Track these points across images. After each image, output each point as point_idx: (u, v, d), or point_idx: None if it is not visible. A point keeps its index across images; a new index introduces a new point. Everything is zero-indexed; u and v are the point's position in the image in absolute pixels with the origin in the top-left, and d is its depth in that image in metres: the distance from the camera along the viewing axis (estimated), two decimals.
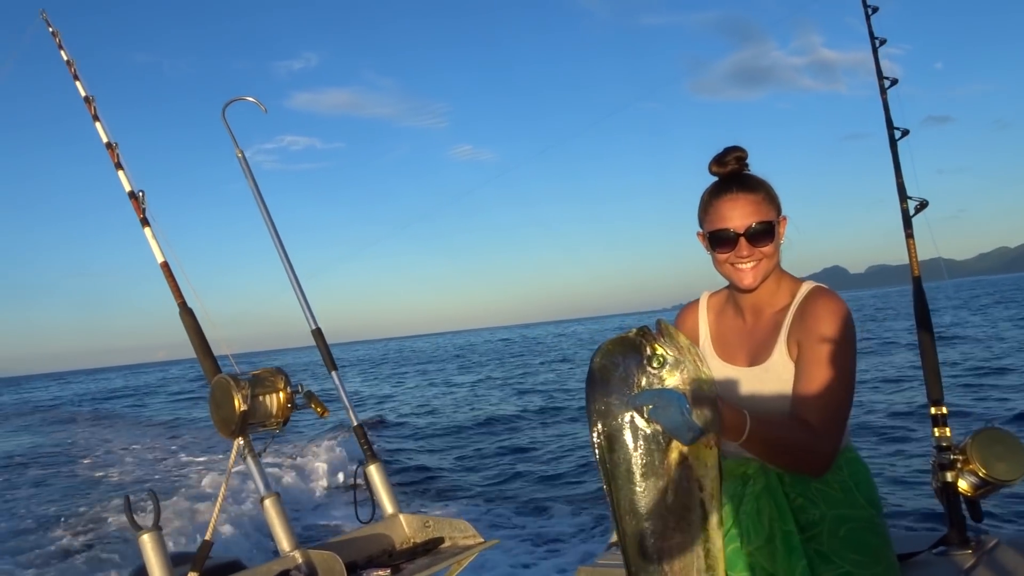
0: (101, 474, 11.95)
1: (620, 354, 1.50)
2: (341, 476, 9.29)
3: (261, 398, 2.26)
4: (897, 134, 2.88)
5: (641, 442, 1.47)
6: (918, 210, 2.75)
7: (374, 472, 2.46)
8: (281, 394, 2.29)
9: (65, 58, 2.80)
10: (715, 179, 1.81)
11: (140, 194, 2.56)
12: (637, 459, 1.48)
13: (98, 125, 2.67)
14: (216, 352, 2.43)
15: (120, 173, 2.61)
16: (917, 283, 2.56)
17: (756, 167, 1.83)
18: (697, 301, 2.04)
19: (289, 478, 9.13)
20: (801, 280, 1.85)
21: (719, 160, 1.78)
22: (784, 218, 1.81)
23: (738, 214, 1.74)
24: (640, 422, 1.47)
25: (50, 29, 2.85)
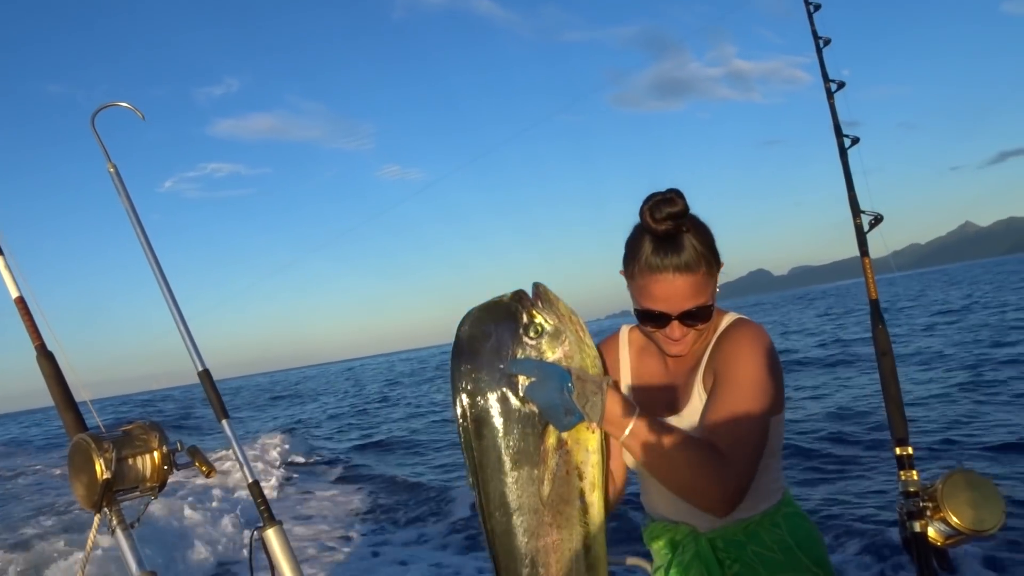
0: None
1: (491, 321, 1.28)
2: (234, 542, 7.90)
3: (131, 460, 1.91)
4: (847, 142, 2.67)
5: (514, 424, 1.27)
6: (872, 225, 2.54)
7: (272, 537, 2.13)
8: (156, 453, 1.95)
9: None
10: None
11: None
12: (509, 444, 1.27)
13: None
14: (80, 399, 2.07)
15: None
16: (875, 307, 2.35)
17: (679, 177, 1.72)
18: (617, 334, 1.81)
19: (176, 548, 7.46)
20: (724, 312, 1.68)
21: (653, 215, 1.51)
22: (721, 264, 1.60)
23: (675, 298, 1.51)
24: (513, 400, 1.26)
25: None
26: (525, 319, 1.28)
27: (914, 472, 2.05)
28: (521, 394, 1.25)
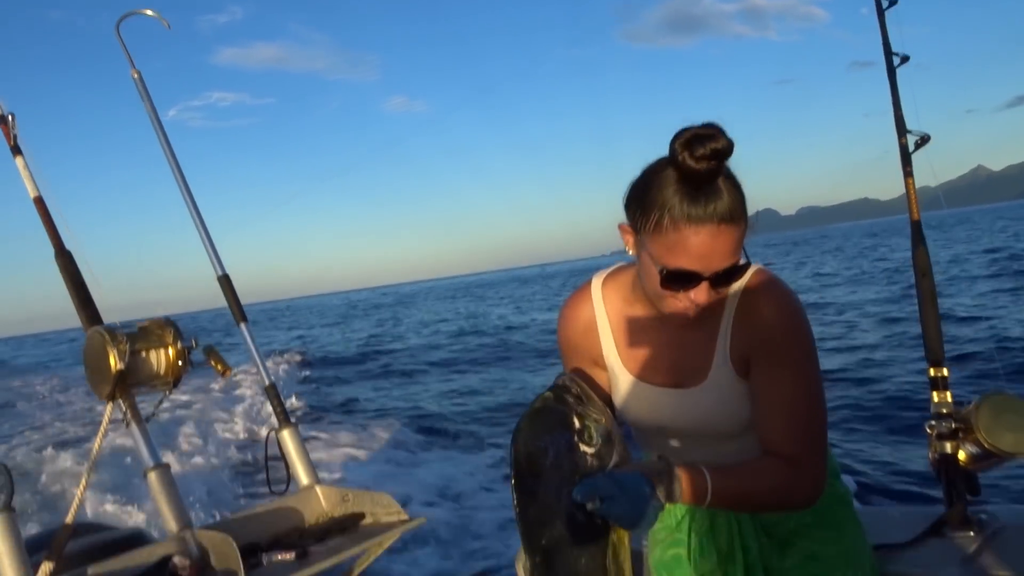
0: None
1: (545, 432, 1.19)
2: (251, 443, 8.14)
3: (144, 354, 1.92)
4: (896, 60, 2.52)
5: (586, 546, 1.19)
6: (918, 145, 2.40)
7: (287, 438, 2.14)
8: (171, 349, 1.95)
9: None
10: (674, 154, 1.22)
11: (10, 118, 2.18)
12: (579, 568, 1.19)
13: None
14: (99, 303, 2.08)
15: None
16: (916, 228, 2.23)
17: (691, 113, 1.58)
18: (588, 289, 1.51)
19: (193, 445, 7.83)
20: None
21: (692, 151, 1.19)
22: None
23: (715, 255, 1.23)
24: (581, 518, 1.16)
25: None
26: (578, 425, 1.19)
27: (948, 393, 1.96)
28: (594, 508, 1.14)
